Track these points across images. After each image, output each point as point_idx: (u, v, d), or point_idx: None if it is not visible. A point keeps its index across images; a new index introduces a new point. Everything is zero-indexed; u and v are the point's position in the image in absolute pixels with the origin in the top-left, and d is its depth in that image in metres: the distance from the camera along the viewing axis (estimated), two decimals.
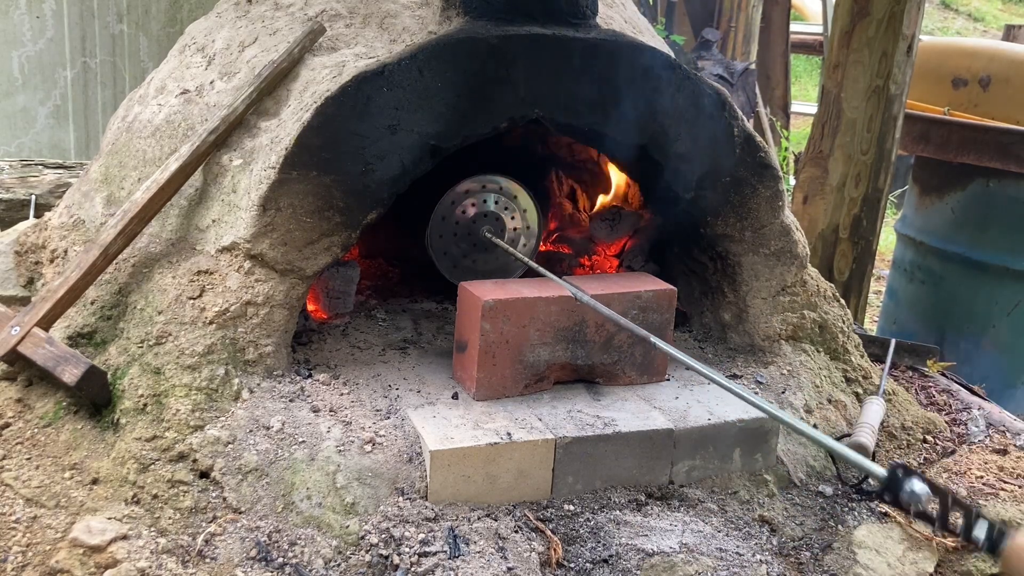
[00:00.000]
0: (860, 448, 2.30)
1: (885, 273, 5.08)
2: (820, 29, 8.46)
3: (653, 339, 1.95)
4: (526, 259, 2.52)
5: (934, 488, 1.39)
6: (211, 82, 2.42)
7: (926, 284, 3.97)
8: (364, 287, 2.77)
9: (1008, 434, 2.66)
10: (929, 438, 2.61)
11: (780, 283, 2.57)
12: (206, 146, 2.21)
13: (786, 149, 7.13)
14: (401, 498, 1.94)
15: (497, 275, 2.74)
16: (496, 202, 2.67)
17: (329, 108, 2.08)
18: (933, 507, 1.42)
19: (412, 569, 1.81)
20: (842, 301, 2.80)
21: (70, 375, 2.00)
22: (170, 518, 1.88)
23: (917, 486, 1.40)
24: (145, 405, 2.02)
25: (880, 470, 1.45)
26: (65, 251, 2.44)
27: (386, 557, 1.83)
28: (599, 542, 1.97)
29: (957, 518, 1.39)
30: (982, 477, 2.36)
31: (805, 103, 9.11)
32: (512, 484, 2.04)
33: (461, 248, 2.67)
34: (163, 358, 2.07)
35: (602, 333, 2.31)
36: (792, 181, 5.09)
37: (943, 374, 3.12)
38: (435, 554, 1.83)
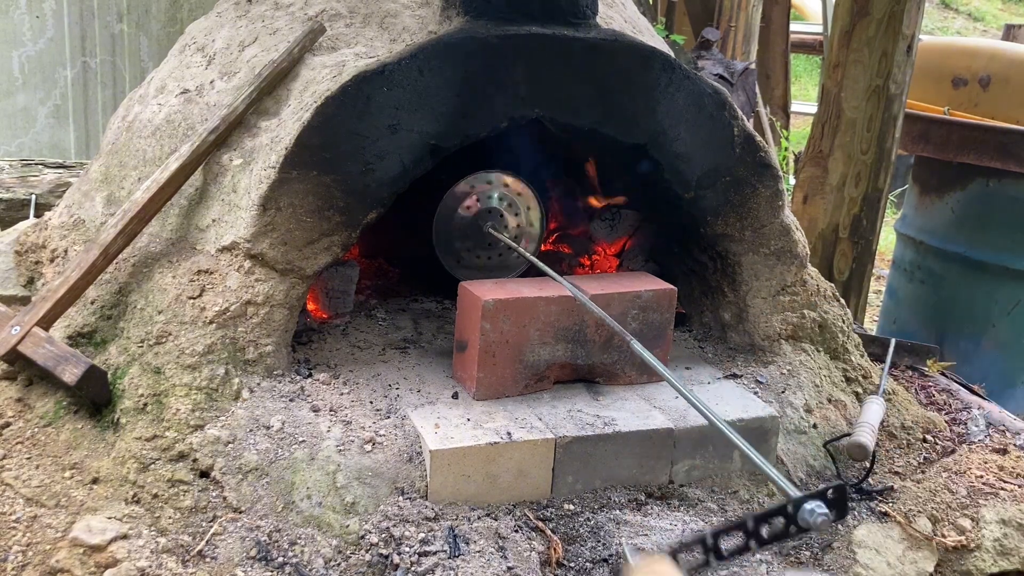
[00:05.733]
0: (860, 448, 2.30)
1: (885, 273, 5.08)
2: (820, 29, 8.46)
3: (632, 341, 1.95)
4: (528, 255, 2.52)
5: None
6: (211, 82, 2.42)
7: (926, 284, 3.97)
8: (364, 287, 2.77)
9: (1008, 434, 2.66)
10: (929, 437, 2.61)
11: (780, 283, 2.57)
12: (206, 146, 2.21)
13: (786, 149, 7.13)
14: (401, 497, 1.94)
15: (501, 271, 2.74)
16: (499, 199, 2.67)
17: (329, 108, 2.08)
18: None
19: (412, 568, 1.81)
20: (842, 301, 2.80)
21: (70, 375, 2.00)
22: (170, 517, 1.89)
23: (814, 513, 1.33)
24: (145, 405, 2.02)
25: (795, 492, 1.40)
26: (65, 251, 2.44)
27: (386, 556, 1.84)
28: (599, 541, 1.97)
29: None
30: (982, 476, 2.36)
31: (805, 103, 9.11)
32: (512, 484, 2.04)
33: (465, 244, 2.68)
34: (163, 358, 2.07)
35: (602, 333, 2.31)
36: (792, 181, 5.09)
37: (943, 374, 3.12)
38: (435, 553, 1.83)
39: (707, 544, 1.28)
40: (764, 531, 1.33)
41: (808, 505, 1.33)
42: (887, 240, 5.56)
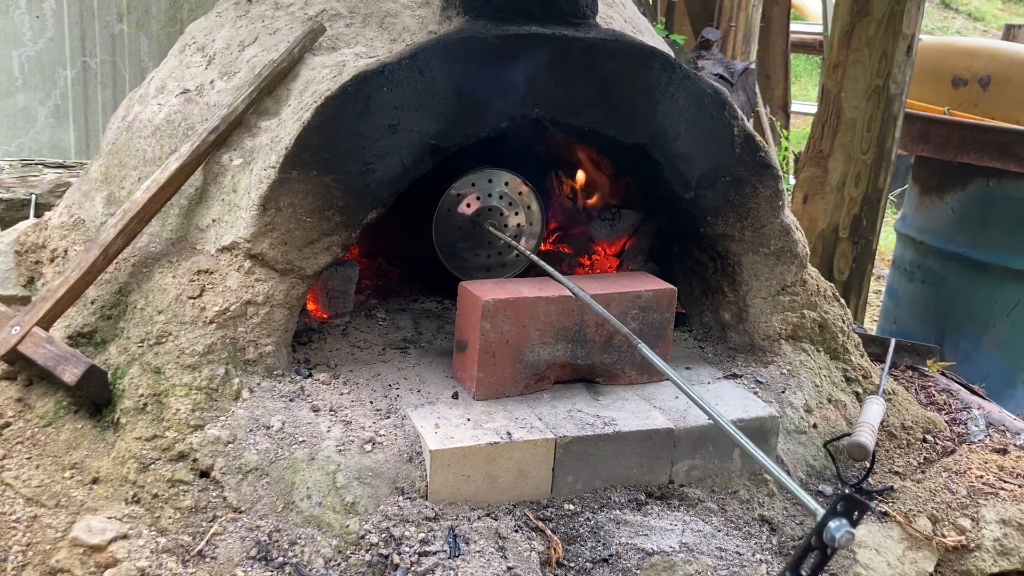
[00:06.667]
0: (860, 447, 2.30)
1: (885, 273, 5.08)
2: (820, 29, 8.46)
3: (638, 343, 1.95)
4: (529, 253, 2.52)
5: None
6: (211, 82, 2.42)
7: (926, 284, 3.97)
8: (364, 287, 2.77)
9: (1008, 433, 2.66)
10: (929, 437, 2.61)
11: (780, 283, 2.57)
12: (206, 146, 2.21)
13: (786, 149, 7.13)
14: (401, 497, 1.94)
15: (501, 270, 2.74)
16: (499, 197, 2.67)
17: (329, 107, 2.08)
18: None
19: (412, 568, 1.81)
20: (842, 300, 2.80)
21: (70, 375, 2.00)
22: (170, 517, 1.89)
23: (840, 531, 1.41)
24: (145, 404, 2.03)
25: (818, 509, 1.45)
26: (65, 251, 2.44)
27: (386, 556, 1.84)
28: (599, 541, 1.97)
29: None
30: (982, 476, 2.36)
31: (805, 103, 9.11)
32: (512, 483, 2.04)
33: (465, 243, 2.68)
34: (163, 358, 2.07)
35: (602, 333, 2.31)
36: (792, 181, 5.09)
37: (943, 374, 3.12)
38: (435, 553, 1.83)
39: None
40: (806, 570, 1.41)
41: (833, 524, 1.40)
42: (887, 240, 5.56)
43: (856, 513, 1.38)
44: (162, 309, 2.13)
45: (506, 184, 2.67)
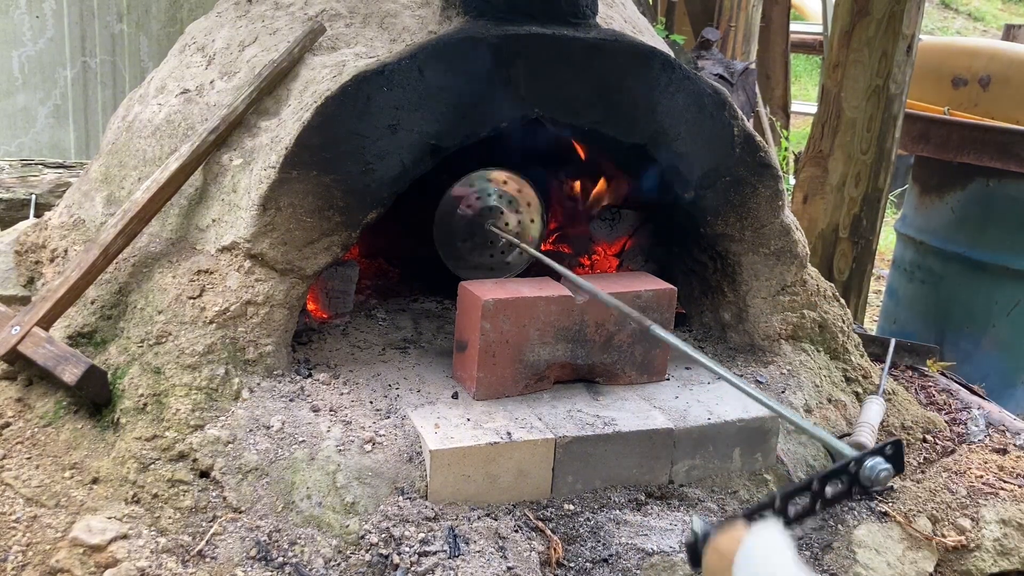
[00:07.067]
0: (860, 447, 2.30)
1: (885, 273, 5.08)
2: (820, 29, 8.46)
3: (651, 325, 1.95)
4: (531, 249, 2.52)
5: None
6: (211, 82, 2.42)
7: (926, 284, 3.97)
8: (364, 286, 2.77)
9: (1008, 433, 2.66)
10: (929, 437, 2.61)
11: (780, 283, 2.57)
12: (206, 146, 2.21)
13: (786, 149, 7.13)
14: (401, 497, 1.94)
15: (502, 270, 2.74)
16: (500, 197, 2.67)
17: (329, 107, 2.08)
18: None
19: (412, 568, 1.81)
20: (842, 300, 2.80)
21: (70, 375, 2.00)
22: (170, 517, 1.89)
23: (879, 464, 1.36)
24: (145, 405, 2.03)
25: (851, 451, 1.42)
26: (65, 251, 2.44)
27: (386, 556, 1.84)
28: (599, 541, 1.97)
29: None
30: (982, 476, 2.36)
31: (805, 103, 9.11)
32: (512, 484, 2.04)
33: (466, 243, 2.68)
34: (163, 358, 2.07)
35: (602, 332, 2.31)
36: (792, 181, 5.09)
37: (943, 374, 3.12)
38: (435, 553, 1.84)
39: (776, 507, 1.30)
40: (828, 491, 1.37)
41: (870, 462, 1.36)
42: (887, 240, 5.56)
43: (895, 465, 1.34)
44: (162, 309, 2.13)
45: (506, 184, 2.67)
